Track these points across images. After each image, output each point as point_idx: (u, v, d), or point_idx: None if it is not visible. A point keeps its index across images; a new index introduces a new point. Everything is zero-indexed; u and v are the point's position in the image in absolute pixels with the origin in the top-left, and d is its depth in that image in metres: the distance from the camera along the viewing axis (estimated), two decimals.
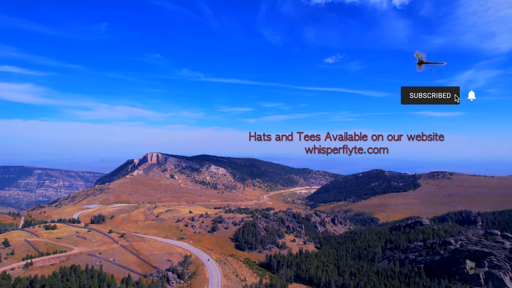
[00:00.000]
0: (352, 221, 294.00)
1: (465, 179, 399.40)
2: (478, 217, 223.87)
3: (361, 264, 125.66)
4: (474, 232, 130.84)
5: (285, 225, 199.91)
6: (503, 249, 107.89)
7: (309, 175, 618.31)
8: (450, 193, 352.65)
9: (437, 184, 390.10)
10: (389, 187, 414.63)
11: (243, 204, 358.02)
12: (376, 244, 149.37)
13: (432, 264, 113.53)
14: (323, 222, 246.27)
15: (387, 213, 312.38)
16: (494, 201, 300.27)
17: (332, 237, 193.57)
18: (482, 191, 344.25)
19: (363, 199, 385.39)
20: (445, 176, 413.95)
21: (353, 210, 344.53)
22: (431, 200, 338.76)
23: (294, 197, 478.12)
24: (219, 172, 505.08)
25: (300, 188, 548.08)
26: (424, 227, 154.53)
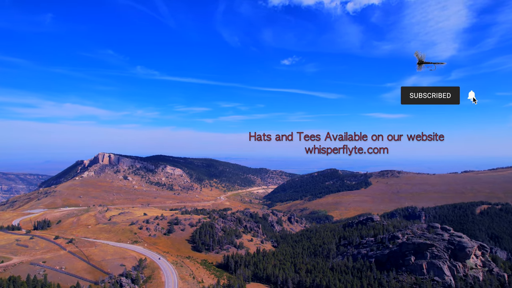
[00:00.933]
0: (308, 219, 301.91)
1: (411, 177, 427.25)
2: (422, 212, 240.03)
3: (317, 261, 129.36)
4: (419, 226, 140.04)
5: (243, 225, 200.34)
6: (442, 240, 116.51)
7: (266, 175, 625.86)
8: (398, 191, 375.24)
9: (387, 182, 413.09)
10: (343, 185, 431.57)
11: (200, 205, 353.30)
12: (330, 241, 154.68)
13: (382, 257, 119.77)
14: (280, 221, 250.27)
15: (341, 210, 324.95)
16: (435, 197, 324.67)
17: (288, 236, 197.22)
18: (425, 188, 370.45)
19: (318, 198, 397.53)
20: (394, 175, 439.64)
21: (308, 209, 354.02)
22: (381, 197, 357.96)
23: (252, 197, 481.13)
24: (175, 172, 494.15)
25: (258, 188, 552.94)
26: (375, 223, 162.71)
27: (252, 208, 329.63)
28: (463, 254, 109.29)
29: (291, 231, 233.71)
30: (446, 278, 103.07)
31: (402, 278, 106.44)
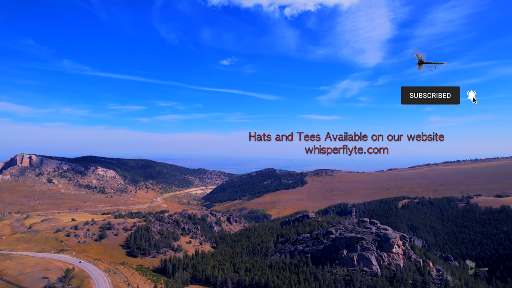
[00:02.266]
0: (247, 218, 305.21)
1: (343, 176, 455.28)
2: (353, 208, 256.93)
3: (256, 259, 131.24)
4: (350, 221, 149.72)
5: (181, 227, 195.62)
6: (370, 233, 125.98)
7: (205, 175, 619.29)
8: (332, 188, 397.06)
9: (321, 181, 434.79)
10: (280, 184, 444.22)
11: (135, 208, 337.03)
12: (269, 239, 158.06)
13: (317, 252, 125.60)
14: (219, 221, 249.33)
15: (279, 209, 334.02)
16: (365, 193, 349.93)
17: (228, 236, 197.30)
18: (356, 186, 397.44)
19: (257, 197, 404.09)
20: (328, 173, 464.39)
21: (247, 208, 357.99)
22: (316, 195, 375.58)
23: (190, 198, 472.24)
24: (107, 174, 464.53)
25: (196, 189, 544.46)
26: (311, 220, 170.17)
27: (191, 209, 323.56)
28: (388, 245, 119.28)
29: (230, 231, 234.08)
30: (373, 268, 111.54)
31: (335, 271, 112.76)
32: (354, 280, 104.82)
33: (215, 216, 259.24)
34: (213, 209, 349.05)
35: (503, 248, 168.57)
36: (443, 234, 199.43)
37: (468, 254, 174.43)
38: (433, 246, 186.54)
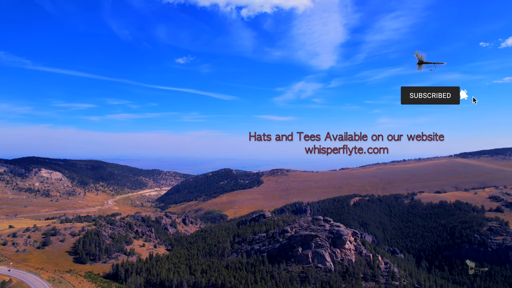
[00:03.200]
0: (203, 219, 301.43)
1: (298, 175, 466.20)
2: (307, 206, 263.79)
3: (212, 260, 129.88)
4: (305, 220, 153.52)
5: (134, 230, 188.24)
6: (324, 231, 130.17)
7: (159, 176, 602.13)
8: (287, 188, 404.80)
9: (277, 180, 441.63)
10: (237, 184, 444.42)
11: (84, 211, 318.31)
12: (225, 239, 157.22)
13: (273, 251, 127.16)
14: (174, 223, 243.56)
15: (235, 209, 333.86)
16: (319, 192, 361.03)
17: (183, 237, 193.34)
18: (310, 185, 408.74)
19: (213, 198, 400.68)
20: (283, 173, 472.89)
21: (203, 209, 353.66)
22: (272, 195, 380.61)
23: (144, 200, 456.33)
24: (52, 176, 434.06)
25: (150, 190, 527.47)
26: (267, 219, 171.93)
27: (144, 211, 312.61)
28: (341, 241, 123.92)
29: (185, 232, 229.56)
30: (327, 264, 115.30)
31: (291, 268, 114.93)
32: (309, 277, 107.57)
33: (170, 217, 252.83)
34: (168, 210, 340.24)
35: (441, 239, 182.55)
36: (391, 229, 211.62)
37: (412, 247, 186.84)
38: (382, 240, 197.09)
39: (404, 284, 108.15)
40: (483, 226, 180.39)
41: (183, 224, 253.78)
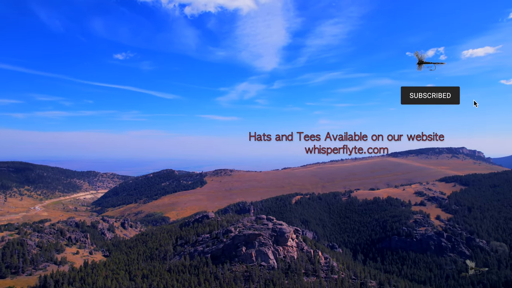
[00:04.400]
0: (144, 222, 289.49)
1: (242, 175, 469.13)
2: (251, 206, 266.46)
3: (154, 265, 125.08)
4: (248, 219, 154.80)
5: (66, 237, 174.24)
6: (267, 229, 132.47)
7: (95, 178, 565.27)
8: (231, 188, 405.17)
9: (220, 181, 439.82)
10: (179, 185, 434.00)
11: (4, 219, 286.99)
12: (167, 242, 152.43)
13: (217, 252, 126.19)
14: (112, 227, 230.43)
15: (178, 211, 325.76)
16: (262, 191, 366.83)
17: (122, 242, 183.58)
18: (253, 184, 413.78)
19: (154, 200, 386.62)
20: (227, 173, 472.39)
21: (144, 212, 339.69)
22: (215, 195, 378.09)
23: (78, 204, 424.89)
24: None
25: (85, 194, 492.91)
26: (210, 220, 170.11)
27: (79, 216, 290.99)
28: (283, 239, 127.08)
29: (125, 237, 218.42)
30: (270, 262, 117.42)
31: (235, 268, 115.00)
32: (253, 275, 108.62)
33: (108, 222, 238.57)
34: (105, 214, 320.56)
35: (375, 233, 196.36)
36: (330, 225, 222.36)
37: (349, 241, 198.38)
38: (322, 236, 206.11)
39: (342, 277, 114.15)
40: (409, 219, 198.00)
41: (122, 228, 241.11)
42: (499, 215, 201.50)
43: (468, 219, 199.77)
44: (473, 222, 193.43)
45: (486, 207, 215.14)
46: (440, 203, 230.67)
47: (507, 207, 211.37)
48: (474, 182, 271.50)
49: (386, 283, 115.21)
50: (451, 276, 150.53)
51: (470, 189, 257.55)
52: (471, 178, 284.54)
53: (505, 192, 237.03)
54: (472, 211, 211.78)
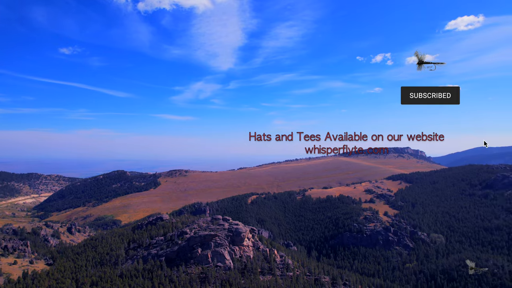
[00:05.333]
0: (93, 226, 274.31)
1: (197, 175, 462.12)
2: (206, 207, 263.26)
3: (104, 270, 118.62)
4: (204, 220, 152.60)
5: (2, 246, 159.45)
6: (223, 230, 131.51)
7: (38, 181, 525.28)
8: (186, 188, 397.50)
9: (175, 181, 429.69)
10: (132, 187, 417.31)
11: None
12: (119, 246, 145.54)
13: (172, 254, 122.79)
14: (57, 233, 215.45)
15: (130, 213, 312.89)
16: (218, 192, 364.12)
17: (69, 248, 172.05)
18: (209, 185, 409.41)
19: (105, 202, 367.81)
20: (182, 174, 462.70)
21: (93, 215, 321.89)
22: (170, 196, 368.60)
23: (16, 210, 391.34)
24: None
25: (25, 198, 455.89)
26: (165, 222, 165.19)
27: (17, 222, 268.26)
28: (239, 238, 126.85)
29: (72, 243, 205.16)
30: (227, 262, 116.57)
31: (190, 270, 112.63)
32: (209, 277, 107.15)
33: (52, 227, 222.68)
34: (49, 219, 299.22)
35: (328, 230, 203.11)
36: (285, 224, 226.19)
37: (304, 239, 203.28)
38: (277, 235, 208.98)
39: (297, 274, 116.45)
40: (360, 216, 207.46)
41: (69, 233, 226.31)
42: (438, 209, 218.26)
43: (412, 214, 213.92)
44: (416, 217, 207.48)
45: (427, 202, 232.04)
46: (388, 200, 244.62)
47: (444, 202, 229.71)
48: (417, 180, 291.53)
49: (339, 278, 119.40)
50: (396, 268, 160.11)
51: (414, 186, 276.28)
52: (414, 176, 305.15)
53: (443, 188, 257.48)
54: (415, 206, 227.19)
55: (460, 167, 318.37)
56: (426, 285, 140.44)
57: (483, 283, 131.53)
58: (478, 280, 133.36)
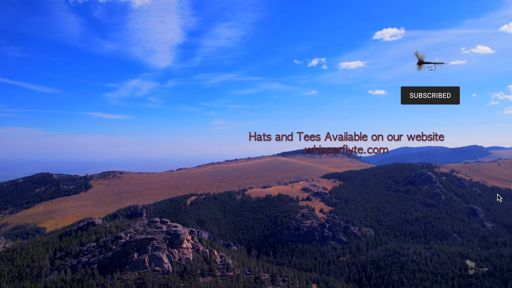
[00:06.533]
0: (10, 236, 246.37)
1: (133, 177, 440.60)
2: (143, 209, 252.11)
3: (23, 285, 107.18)
4: (141, 223, 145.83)
5: None
6: (161, 232, 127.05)
7: None
8: (120, 191, 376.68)
9: (109, 184, 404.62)
10: (59, 191, 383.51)
11: None
12: (43, 256, 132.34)
13: (105, 261, 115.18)
14: None
15: (56, 219, 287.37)
16: (155, 193, 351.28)
17: None
18: (146, 186, 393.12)
19: (25, 208, 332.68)
20: (116, 176, 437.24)
21: (10, 224, 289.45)
22: (103, 200, 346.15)
23: None
24: None
25: None
26: (97, 227, 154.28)
27: None
28: (178, 241, 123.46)
29: None
30: (165, 266, 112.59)
31: (126, 276, 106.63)
32: (146, 282, 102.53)
33: None
34: None
35: (267, 228, 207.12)
36: (225, 224, 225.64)
37: (244, 238, 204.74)
38: (217, 236, 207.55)
39: (238, 273, 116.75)
40: (297, 213, 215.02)
41: None
42: (368, 204, 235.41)
43: (345, 210, 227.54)
44: (348, 213, 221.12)
45: (359, 199, 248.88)
46: (323, 197, 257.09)
47: (373, 198, 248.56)
48: (350, 178, 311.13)
49: (278, 275, 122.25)
50: (332, 262, 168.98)
51: (347, 184, 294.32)
52: (347, 174, 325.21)
53: (372, 185, 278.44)
54: (348, 203, 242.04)
55: (387, 166, 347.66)
56: (357, 275, 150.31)
57: (404, 269, 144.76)
58: (400, 267, 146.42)
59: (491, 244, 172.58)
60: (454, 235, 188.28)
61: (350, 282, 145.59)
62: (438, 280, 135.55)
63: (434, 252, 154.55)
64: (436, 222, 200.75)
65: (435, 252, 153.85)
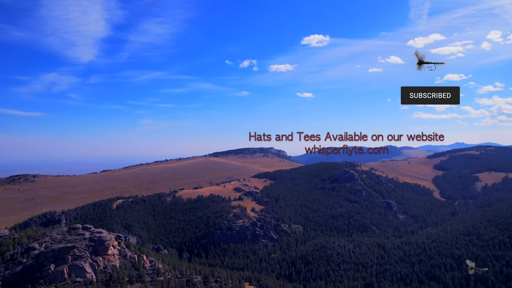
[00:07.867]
0: None
1: (50, 180, 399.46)
2: (62, 216, 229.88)
3: None
4: (59, 231, 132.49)
5: None
6: (84, 240, 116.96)
7: None
8: (34, 197, 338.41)
9: (19, 189, 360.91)
10: None
11: None
12: None
13: (13, 277, 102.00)
14: None
15: None
16: (76, 198, 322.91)
17: None
18: (66, 190, 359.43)
19: None
20: (28, 179, 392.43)
21: None
22: (11, 207, 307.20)
23: None
24: None
25: None
26: (3, 239, 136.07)
27: None
28: (103, 248, 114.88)
29: None
30: (88, 276, 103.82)
31: None
32: None
33: None
34: None
35: (199, 230, 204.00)
36: (155, 228, 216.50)
37: (175, 241, 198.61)
38: (146, 240, 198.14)
39: (168, 278, 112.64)
40: (229, 213, 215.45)
41: None
42: (297, 202, 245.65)
43: (275, 208, 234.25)
44: (279, 211, 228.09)
45: (288, 197, 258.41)
46: (255, 196, 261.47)
47: (302, 196, 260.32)
48: (280, 177, 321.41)
49: (210, 276, 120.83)
50: (263, 259, 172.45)
51: (277, 183, 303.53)
52: (277, 174, 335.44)
53: (301, 183, 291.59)
54: (278, 201, 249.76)
55: (314, 165, 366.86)
56: (288, 271, 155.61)
57: (330, 262, 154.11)
58: (327, 260, 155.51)
59: (402, 233, 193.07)
60: (373, 227, 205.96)
61: (281, 278, 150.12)
62: (359, 269, 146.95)
63: (356, 244, 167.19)
64: (358, 216, 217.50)
65: (357, 244, 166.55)
